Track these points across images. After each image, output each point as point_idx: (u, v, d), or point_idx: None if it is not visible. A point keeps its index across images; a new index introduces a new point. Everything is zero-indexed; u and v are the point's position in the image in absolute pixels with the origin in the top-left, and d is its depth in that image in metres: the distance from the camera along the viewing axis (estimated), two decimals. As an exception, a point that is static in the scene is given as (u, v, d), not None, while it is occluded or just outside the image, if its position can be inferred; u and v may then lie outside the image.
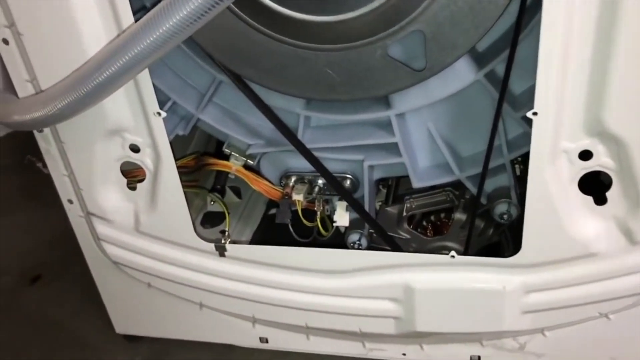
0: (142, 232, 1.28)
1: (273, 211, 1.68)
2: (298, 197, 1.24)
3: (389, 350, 1.35)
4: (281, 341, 1.41)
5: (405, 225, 1.30)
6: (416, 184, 1.20)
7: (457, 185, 1.26)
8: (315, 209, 1.27)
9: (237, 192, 1.69)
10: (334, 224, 1.24)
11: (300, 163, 1.26)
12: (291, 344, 1.41)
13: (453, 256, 1.15)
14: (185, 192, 1.24)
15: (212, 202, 1.61)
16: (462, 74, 1.05)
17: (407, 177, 1.36)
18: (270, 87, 1.08)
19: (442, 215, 1.34)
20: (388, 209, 1.32)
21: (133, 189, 1.27)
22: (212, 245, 1.25)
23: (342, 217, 1.23)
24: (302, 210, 1.25)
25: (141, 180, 1.27)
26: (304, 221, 1.28)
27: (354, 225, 1.27)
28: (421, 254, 1.17)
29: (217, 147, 1.71)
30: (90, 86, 0.92)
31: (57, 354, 1.60)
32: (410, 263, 1.18)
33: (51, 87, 1.00)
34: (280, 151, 1.24)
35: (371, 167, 1.20)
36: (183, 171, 1.41)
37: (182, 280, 1.32)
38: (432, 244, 1.30)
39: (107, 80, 0.92)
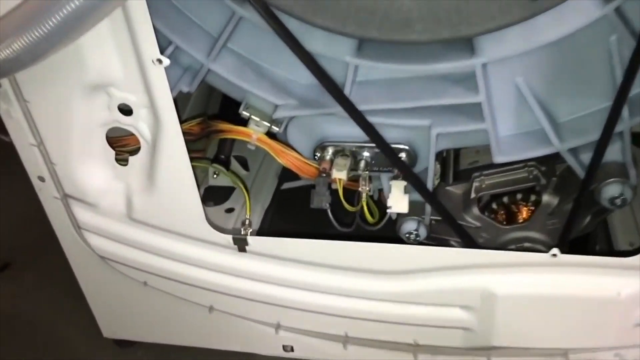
0: (136, 219, 0.98)
1: (287, 185, 1.40)
2: (339, 174, 0.95)
3: (447, 364, 1.09)
4: (311, 350, 1.14)
5: (475, 210, 1.02)
6: (499, 157, 0.91)
7: (544, 159, 0.98)
8: (360, 189, 0.98)
9: (244, 163, 1.39)
10: (388, 210, 0.96)
11: (340, 130, 0.97)
12: (323, 353, 1.14)
13: (555, 255, 0.87)
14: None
15: (215, 175, 1.31)
16: (584, 7, 0.76)
17: (470, 148, 1.08)
18: (313, 22, 0.78)
19: (519, 196, 1.05)
20: (449, 188, 1.03)
21: (123, 163, 0.98)
22: (228, 238, 0.96)
23: (399, 201, 0.94)
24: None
25: (134, 152, 0.97)
26: (346, 205, 1.00)
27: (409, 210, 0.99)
28: (508, 252, 0.90)
29: (220, 110, 1.41)
30: (58, 17, 0.62)
31: (34, 358, 1.32)
32: (493, 263, 0.90)
33: (1, 18, 0.69)
34: (315, 115, 0.95)
35: (438, 136, 0.91)
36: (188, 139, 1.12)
37: (188, 280, 1.03)
38: (509, 235, 1.02)
39: (82, 7, 0.61)
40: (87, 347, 1.32)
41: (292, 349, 1.15)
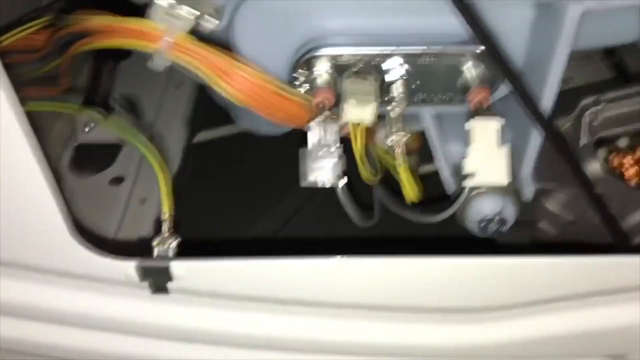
0: None
1: (203, 137, 0.90)
2: (358, 112, 0.45)
3: None
4: None
5: (594, 164, 0.55)
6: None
7: None
8: (389, 141, 0.49)
9: (132, 104, 0.87)
10: (468, 182, 0.46)
11: (351, 21, 0.47)
12: None
13: None
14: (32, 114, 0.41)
15: (87, 129, 0.81)
16: None
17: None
18: None
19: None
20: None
21: None
22: (127, 268, 0.43)
23: (489, 163, 0.45)
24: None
25: None
26: (366, 174, 0.50)
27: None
28: None
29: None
30: None
31: None
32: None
33: None
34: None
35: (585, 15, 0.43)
36: (21, 60, 0.58)
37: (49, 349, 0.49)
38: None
39: None
40: None
41: None
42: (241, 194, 0.86)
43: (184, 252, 0.46)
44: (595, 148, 0.56)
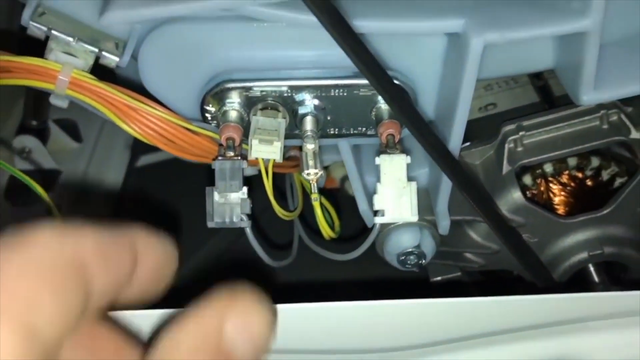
0: None
1: (146, 161, 0.87)
2: (265, 149, 0.44)
3: None
4: None
5: (516, 194, 0.54)
6: (590, 95, 0.44)
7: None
8: (305, 175, 0.47)
9: (72, 128, 0.84)
10: (378, 219, 0.45)
11: (261, 52, 0.45)
12: None
13: None
14: None
15: (24, 154, 0.76)
16: None
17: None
18: None
19: (572, 163, 0.59)
20: (462, 156, 0.55)
21: None
22: None
23: (396, 200, 0.43)
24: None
25: None
26: (280, 211, 0.48)
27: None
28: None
29: None
30: None
31: None
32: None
33: None
34: (206, 21, 0.42)
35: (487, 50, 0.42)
36: None
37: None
38: (572, 234, 0.56)
39: None
40: None
41: None
42: (183, 219, 0.83)
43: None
44: (519, 176, 0.56)
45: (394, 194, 0.43)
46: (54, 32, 0.43)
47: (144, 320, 0.28)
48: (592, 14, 0.39)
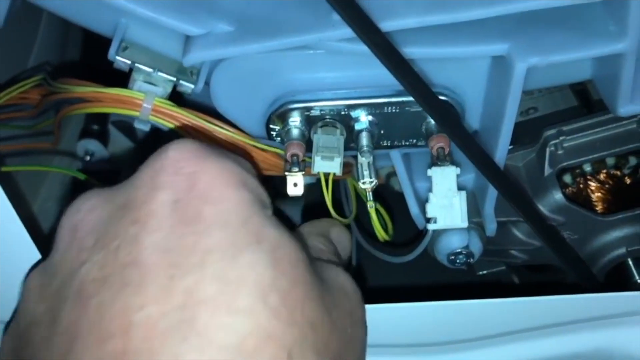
0: None
1: None
2: (328, 164, 0.49)
3: None
4: None
5: (557, 195, 0.58)
6: (627, 107, 0.47)
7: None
8: (362, 184, 0.52)
9: (129, 130, 0.89)
10: (430, 226, 0.49)
11: (320, 77, 0.50)
12: None
13: None
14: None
15: (88, 157, 0.80)
16: None
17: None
18: None
19: (610, 162, 0.62)
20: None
21: None
22: None
23: (447, 208, 0.48)
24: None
25: None
26: (337, 217, 0.53)
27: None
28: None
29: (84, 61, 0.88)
30: None
31: None
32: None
33: None
34: (270, 53, 0.47)
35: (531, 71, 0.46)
36: (16, 116, 0.62)
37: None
38: (610, 232, 0.60)
39: None
40: None
41: None
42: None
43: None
44: (559, 175, 0.60)
45: (445, 203, 0.47)
46: (137, 64, 0.49)
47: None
48: (629, 37, 0.43)
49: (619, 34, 0.43)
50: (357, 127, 0.51)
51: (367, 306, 0.41)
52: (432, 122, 0.50)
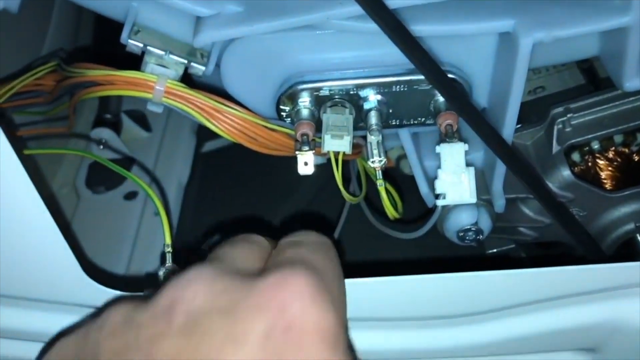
0: None
1: (211, 145, 0.94)
2: (337, 143, 0.49)
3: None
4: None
5: (565, 172, 0.59)
6: (628, 83, 0.48)
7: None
8: (370, 163, 0.53)
9: (141, 120, 0.91)
10: (439, 201, 0.50)
11: (328, 57, 0.51)
12: None
13: None
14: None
15: (101, 145, 0.84)
16: None
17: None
18: None
19: (618, 139, 0.63)
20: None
21: None
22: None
23: (457, 185, 0.49)
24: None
25: None
26: (347, 195, 0.54)
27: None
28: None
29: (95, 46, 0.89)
30: None
31: None
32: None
33: None
34: (279, 33, 0.48)
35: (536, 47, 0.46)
36: (31, 102, 0.63)
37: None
38: (619, 208, 0.60)
39: None
40: None
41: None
42: (251, 202, 0.90)
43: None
44: (567, 153, 0.60)
45: (454, 179, 0.48)
46: (149, 47, 0.50)
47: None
48: (634, 11, 0.43)
49: (624, 8, 0.44)
50: (366, 106, 0.51)
51: (374, 279, 0.41)
52: (440, 99, 0.50)
